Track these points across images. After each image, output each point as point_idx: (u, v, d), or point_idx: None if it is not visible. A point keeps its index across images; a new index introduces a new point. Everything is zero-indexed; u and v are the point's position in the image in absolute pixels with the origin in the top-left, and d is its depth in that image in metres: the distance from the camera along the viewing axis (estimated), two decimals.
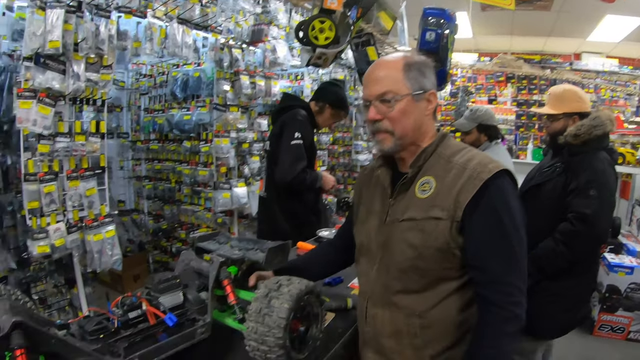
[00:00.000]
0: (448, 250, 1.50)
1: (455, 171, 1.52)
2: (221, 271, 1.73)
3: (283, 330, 1.45)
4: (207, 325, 1.63)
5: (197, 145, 5.07)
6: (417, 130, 1.60)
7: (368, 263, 1.73)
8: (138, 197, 6.43)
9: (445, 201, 1.50)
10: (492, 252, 1.47)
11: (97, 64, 3.31)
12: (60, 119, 3.23)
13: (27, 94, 2.98)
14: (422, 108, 1.59)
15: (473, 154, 1.58)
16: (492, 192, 1.47)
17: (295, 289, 1.53)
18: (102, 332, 1.41)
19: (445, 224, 1.49)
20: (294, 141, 3.39)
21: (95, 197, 3.47)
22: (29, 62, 2.98)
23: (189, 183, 5.31)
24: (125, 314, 1.49)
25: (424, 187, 1.57)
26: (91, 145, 3.39)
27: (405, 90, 1.55)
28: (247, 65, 4.80)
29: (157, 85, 5.79)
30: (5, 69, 4.11)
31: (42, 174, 3.13)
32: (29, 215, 3.12)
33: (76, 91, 3.21)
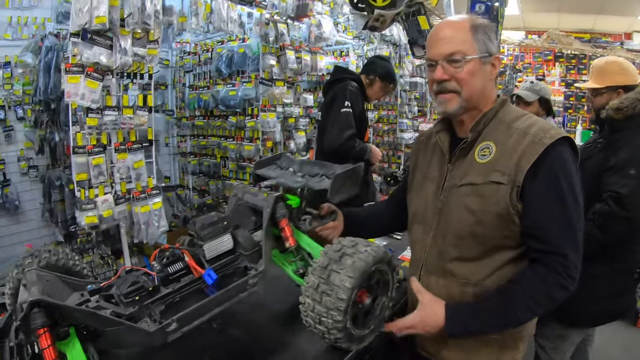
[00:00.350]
0: (508, 217, 1.48)
1: (516, 136, 1.50)
2: (277, 207, 1.56)
3: (343, 314, 1.29)
4: (260, 275, 1.47)
5: (242, 120, 5.11)
6: (481, 93, 1.58)
7: (423, 230, 1.72)
8: (183, 173, 6.54)
9: (506, 166, 1.47)
10: (550, 221, 1.44)
11: (144, 39, 3.33)
12: (108, 93, 3.28)
13: (75, 69, 3.03)
14: (487, 71, 1.57)
15: (534, 120, 1.55)
16: (554, 158, 1.44)
17: (362, 260, 1.32)
18: (137, 293, 1.29)
19: (505, 189, 1.47)
20: (343, 109, 3.52)
21: (142, 169, 3.54)
22: (76, 38, 3.01)
23: (234, 158, 5.36)
24: (165, 268, 1.38)
25: (483, 152, 1.54)
26: (139, 119, 3.44)
27: (473, 52, 1.52)
28: (292, 40, 4.82)
29: (202, 63, 5.83)
30: (52, 49, 4.26)
31: (90, 147, 3.20)
32: (77, 187, 3.20)
33: (123, 65, 3.24)
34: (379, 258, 1.37)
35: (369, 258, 1.32)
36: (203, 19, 3.91)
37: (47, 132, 4.88)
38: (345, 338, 1.34)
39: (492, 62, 1.57)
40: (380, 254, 1.37)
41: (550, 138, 1.44)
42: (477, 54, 1.52)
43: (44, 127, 4.90)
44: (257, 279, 1.45)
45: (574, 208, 1.44)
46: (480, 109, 1.60)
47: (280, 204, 1.55)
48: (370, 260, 1.32)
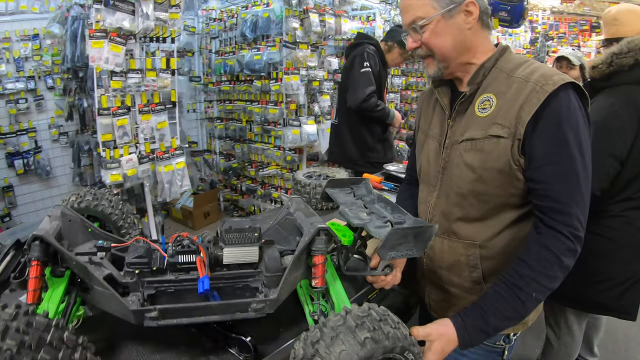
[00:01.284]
0: (510, 173, 1.39)
1: (516, 86, 1.39)
2: (317, 240, 1.33)
3: None
4: (267, 303, 1.27)
5: (267, 84, 5.16)
6: (460, 48, 1.47)
7: (427, 189, 1.66)
8: (210, 137, 6.65)
9: (506, 118, 1.38)
10: (554, 176, 1.33)
11: (166, 4, 3.41)
12: (132, 56, 3.38)
13: (99, 35, 3.13)
14: (459, 23, 1.43)
15: (536, 66, 1.42)
16: (557, 106, 1.32)
17: (355, 353, 1.00)
18: (139, 268, 1.25)
19: (506, 143, 1.37)
20: (363, 69, 3.69)
21: (166, 130, 3.66)
22: (99, 5, 3.12)
23: (259, 122, 5.43)
24: (176, 255, 1.30)
25: (484, 105, 1.45)
26: (162, 81, 3.54)
27: (432, 12, 1.42)
28: (316, 4, 4.84)
29: (227, 29, 5.88)
30: (78, 18, 4.37)
31: (115, 108, 3.31)
32: (102, 148, 3.32)
33: (146, 30, 3.34)
34: (388, 348, 1.04)
35: (363, 351, 1.00)
36: None
37: (75, 99, 5.02)
38: None
39: (463, 9, 1.42)
40: (366, 352, 1.01)
41: (552, 85, 1.32)
42: (437, 12, 1.41)
43: (72, 94, 5.04)
44: (263, 306, 1.27)
45: (581, 161, 1.33)
46: (473, 62, 1.49)
47: (322, 238, 1.34)
48: (363, 355, 1.00)
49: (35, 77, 5.26)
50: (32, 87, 5.26)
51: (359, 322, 1.04)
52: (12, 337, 0.83)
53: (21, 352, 0.82)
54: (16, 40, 5.13)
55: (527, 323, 1.60)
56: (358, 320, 1.05)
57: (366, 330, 1.03)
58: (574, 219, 1.31)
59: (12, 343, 0.82)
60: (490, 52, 1.50)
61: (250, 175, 5.84)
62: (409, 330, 1.13)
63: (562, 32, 9.72)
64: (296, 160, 5.22)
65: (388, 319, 1.10)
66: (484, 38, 1.50)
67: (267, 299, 1.27)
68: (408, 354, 1.10)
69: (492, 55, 1.48)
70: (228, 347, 1.31)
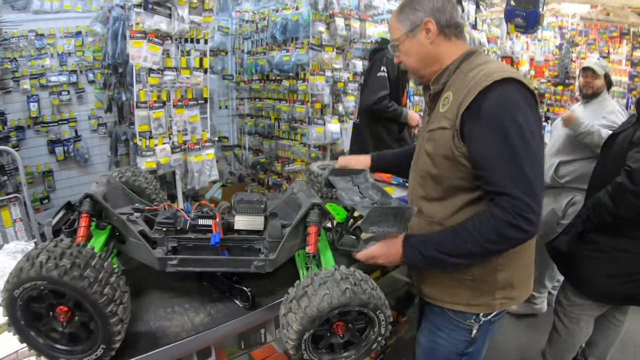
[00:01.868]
0: (454, 158, 1.56)
1: (466, 83, 1.54)
2: (311, 213, 1.58)
3: (295, 349, 1.35)
4: (267, 262, 1.54)
5: (295, 84, 5.43)
6: (426, 60, 1.70)
7: (412, 174, 1.88)
8: (240, 133, 6.94)
9: (451, 112, 1.56)
10: (493, 162, 1.46)
11: (200, 8, 3.71)
12: (168, 56, 3.69)
13: (138, 35, 3.45)
14: (421, 40, 1.66)
15: (491, 66, 1.56)
16: (491, 99, 1.46)
17: (315, 307, 1.28)
18: (166, 226, 1.51)
19: (449, 133, 1.56)
20: (379, 73, 3.89)
21: (197, 123, 3.97)
22: (139, 9, 3.44)
23: (286, 119, 5.70)
24: (197, 218, 1.56)
25: (444, 102, 1.63)
26: (195, 79, 3.85)
27: (399, 34, 1.70)
28: (342, 8, 5.07)
29: (259, 30, 6.15)
30: (119, 18, 4.79)
31: (151, 102, 3.64)
32: (139, 137, 3.65)
33: (181, 32, 3.65)
34: (342, 303, 1.29)
35: (323, 304, 1.27)
36: None
37: (115, 93, 5.42)
38: (297, 356, 1.39)
39: (423, 28, 1.64)
40: (345, 299, 1.28)
41: (489, 80, 1.46)
42: (402, 34, 1.69)
43: (112, 88, 5.44)
44: (263, 264, 1.54)
45: (522, 147, 1.43)
46: (441, 67, 1.68)
47: (315, 212, 1.58)
48: (324, 307, 1.27)
49: (77, 71, 5.70)
50: (74, 81, 5.69)
51: (344, 276, 1.33)
52: (67, 258, 1.14)
53: (73, 269, 1.13)
54: (60, 36, 5.57)
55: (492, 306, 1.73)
56: (343, 275, 1.33)
57: (349, 283, 1.30)
58: (517, 200, 1.42)
59: (67, 262, 1.13)
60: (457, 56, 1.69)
61: (277, 170, 6.10)
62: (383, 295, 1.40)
63: (591, 39, 9.50)
64: (320, 157, 5.43)
65: (369, 281, 1.37)
66: (450, 47, 1.68)
67: (267, 259, 1.53)
68: (380, 314, 1.38)
69: (456, 59, 1.66)
70: (232, 297, 1.60)
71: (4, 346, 1.38)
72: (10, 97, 5.42)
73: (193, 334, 1.43)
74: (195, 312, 1.54)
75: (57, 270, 1.11)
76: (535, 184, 1.45)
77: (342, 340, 1.42)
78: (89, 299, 1.14)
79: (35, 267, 1.12)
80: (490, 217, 1.47)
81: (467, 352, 1.84)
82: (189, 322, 1.48)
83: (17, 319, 1.18)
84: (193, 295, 1.63)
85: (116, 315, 1.18)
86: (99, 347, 1.21)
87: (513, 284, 1.73)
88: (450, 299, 1.76)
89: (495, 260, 1.66)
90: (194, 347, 1.50)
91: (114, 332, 1.19)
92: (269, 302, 1.62)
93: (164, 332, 1.43)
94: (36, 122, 5.58)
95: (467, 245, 1.50)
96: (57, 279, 1.11)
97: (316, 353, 1.40)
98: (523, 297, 1.82)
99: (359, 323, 1.42)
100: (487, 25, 8.36)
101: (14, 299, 1.15)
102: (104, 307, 1.16)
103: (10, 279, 1.15)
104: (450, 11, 1.66)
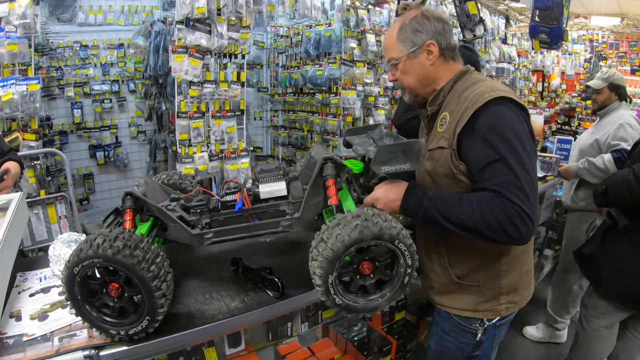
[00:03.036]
0: (453, 176, 1.63)
1: (461, 104, 1.61)
2: (325, 167, 1.62)
3: (323, 279, 1.40)
4: (293, 221, 1.63)
5: (327, 97, 5.59)
6: (424, 81, 1.75)
7: None
8: (274, 144, 7.11)
9: (448, 132, 1.63)
10: (493, 175, 1.51)
11: (237, 25, 3.94)
12: (207, 69, 3.91)
13: (180, 50, 3.69)
14: (422, 61, 1.71)
15: (483, 85, 1.63)
16: (485, 118, 1.54)
17: (329, 249, 1.37)
18: (200, 208, 1.66)
19: (447, 152, 1.63)
20: None
21: (234, 134, 4.17)
22: (181, 25, 3.67)
23: (319, 132, 5.81)
24: (225, 196, 1.70)
25: (442, 122, 1.69)
26: (233, 92, 4.07)
27: (400, 53, 1.73)
28: (373, 25, 5.25)
29: (293, 45, 6.36)
30: (160, 33, 5.08)
31: (191, 112, 3.85)
32: (179, 145, 3.87)
33: (220, 47, 3.88)
34: (354, 239, 1.36)
35: (337, 244, 1.35)
36: (289, 7, 4.49)
37: (155, 102, 5.70)
38: (344, 311, 1.48)
39: (425, 49, 1.69)
40: (356, 234, 1.35)
41: (481, 101, 1.54)
42: (403, 54, 1.71)
43: (152, 98, 5.72)
44: (290, 223, 1.63)
45: (515, 159, 1.49)
46: (436, 88, 1.75)
47: (329, 165, 1.61)
48: (338, 247, 1.35)
49: (119, 81, 6.01)
50: (116, 90, 6.00)
51: (355, 215, 1.40)
52: (120, 241, 1.34)
53: (124, 249, 1.33)
54: (103, 48, 5.90)
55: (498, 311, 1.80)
56: (355, 214, 1.40)
57: (359, 220, 1.37)
58: (517, 206, 1.46)
59: (120, 244, 1.33)
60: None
61: None
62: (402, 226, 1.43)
63: (622, 52, 9.43)
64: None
65: (382, 215, 1.41)
66: (447, 69, 1.74)
67: (292, 217, 1.63)
68: (399, 243, 1.41)
69: (450, 79, 1.72)
70: (264, 287, 1.78)
71: (57, 321, 1.57)
72: (55, 103, 5.74)
73: (228, 317, 1.61)
74: (230, 298, 1.73)
75: (111, 250, 1.32)
76: (531, 191, 1.51)
77: (373, 280, 1.49)
78: (137, 274, 1.34)
79: (93, 247, 1.32)
80: (489, 200, 1.50)
81: (474, 356, 1.91)
82: (225, 307, 1.67)
83: (75, 294, 1.38)
84: (229, 285, 1.82)
85: (160, 289, 1.38)
86: (144, 319, 1.40)
87: (517, 288, 1.81)
88: (458, 305, 1.84)
89: (499, 267, 1.74)
90: (228, 328, 1.69)
91: (157, 304, 1.39)
92: (297, 293, 1.77)
93: (203, 314, 1.62)
94: (79, 127, 5.90)
95: (463, 216, 1.53)
96: (111, 256, 1.32)
97: (349, 296, 1.48)
98: (525, 300, 1.88)
99: (383, 259, 1.48)
100: (517, 39, 8.39)
101: (73, 276, 1.35)
102: (150, 282, 1.35)
103: (71, 258, 1.35)
104: (449, 35, 1.74)
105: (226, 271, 1.90)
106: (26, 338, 1.47)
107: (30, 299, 1.73)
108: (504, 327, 1.92)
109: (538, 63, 9.34)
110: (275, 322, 2.14)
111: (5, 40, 3.40)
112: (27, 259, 2.83)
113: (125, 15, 5.94)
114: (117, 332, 1.41)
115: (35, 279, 1.91)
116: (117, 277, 1.37)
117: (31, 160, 3.68)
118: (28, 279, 1.90)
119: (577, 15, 7.96)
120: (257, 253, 2.03)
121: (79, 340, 1.47)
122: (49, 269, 1.94)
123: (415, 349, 2.80)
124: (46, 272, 1.95)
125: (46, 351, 1.41)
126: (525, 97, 9.29)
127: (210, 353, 2.02)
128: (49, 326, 1.54)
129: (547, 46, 4.39)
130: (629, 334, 2.86)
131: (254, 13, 4.13)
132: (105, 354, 1.43)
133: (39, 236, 3.54)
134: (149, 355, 1.54)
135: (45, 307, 1.66)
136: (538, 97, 9.68)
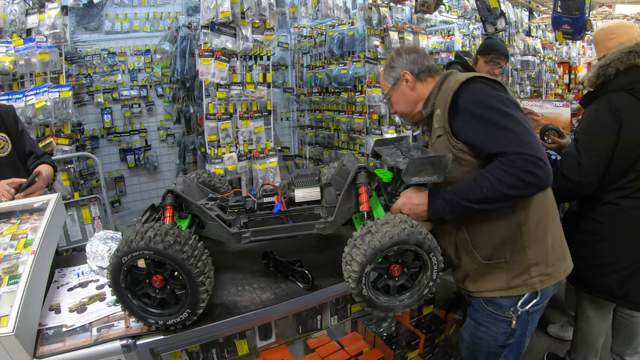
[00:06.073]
0: (456, 157, 1.73)
1: (445, 96, 1.80)
2: (358, 176, 1.76)
3: (356, 282, 1.51)
4: (326, 224, 1.75)
5: (353, 96, 5.61)
6: (410, 104, 2.02)
7: None
8: (301, 143, 7.13)
9: (441, 121, 1.81)
10: (487, 140, 1.66)
11: (261, 28, 4.02)
12: (234, 72, 4.01)
13: (207, 54, 3.78)
14: (404, 89, 2.00)
15: (458, 75, 1.85)
16: (464, 97, 1.73)
17: (377, 241, 1.46)
18: (237, 208, 1.77)
19: (444, 138, 1.79)
20: None
21: (262, 134, 4.26)
22: (206, 30, 3.78)
23: (345, 130, 5.85)
24: (262, 197, 1.80)
25: (437, 119, 1.86)
26: (259, 93, 4.16)
27: (387, 89, 2.06)
28: (396, 22, 5.27)
29: (317, 45, 6.40)
30: (186, 37, 5.19)
31: (219, 114, 3.95)
32: (208, 146, 3.97)
33: (245, 50, 3.97)
34: (402, 239, 1.46)
35: (385, 239, 1.45)
36: (311, 7, 4.56)
37: (183, 106, 5.80)
38: (364, 303, 1.57)
39: (402, 80, 1.98)
40: (404, 235, 1.46)
41: (457, 84, 1.74)
42: (389, 89, 2.04)
43: (180, 102, 5.83)
44: (324, 226, 1.75)
45: (505, 119, 1.64)
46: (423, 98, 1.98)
47: (362, 174, 1.76)
48: (386, 241, 1.45)
49: (146, 86, 6.16)
50: (144, 94, 6.16)
51: (402, 219, 1.51)
52: (171, 235, 1.43)
53: (175, 244, 1.41)
54: (130, 54, 6.07)
55: (532, 285, 1.83)
56: (402, 218, 1.51)
57: (407, 225, 1.49)
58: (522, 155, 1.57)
59: (171, 239, 1.42)
60: None
61: None
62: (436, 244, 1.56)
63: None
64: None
65: (423, 227, 1.53)
66: (426, 87, 1.97)
67: (326, 221, 1.75)
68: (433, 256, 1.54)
69: (436, 83, 1.94)
70: (294, 279, 1.85)
71: (95, 313, 1.67)
72: (86, 109, 5.93)
73: (260, 307, 1.69)
74: (262, 290, 1.81)
75: (163, 244, 1.40)
76: (531, 140, 1.62)
77: (397, 283, 1.59)
78: (185, 269, 1.42)
79: (144, 239, 1.41)
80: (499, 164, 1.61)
81: (507, 344, 1.96)
82: (257, 298, 1.75)
83: (119, 282, 1.47)
84: (261, 278, 1.91)
85: (204, 285, 1.47)
86: (184, 312, 1.49)
87: (547, 259, 1.84)
88: (491, 286, 1.88)
89: (522, 238, 1.79)
90: (260, 318, 1.76)
91: (200, 299, 1.48)
92: (326, 285, 1.85)
93: (236, 305, 1.71)
94: (109, 132, 6.07)
95: (484, 190, 1.62)
96: (162, 250, 1.40)
97: (374, 292, 1.57)
98: (560, 273, 1.91)
99: (413, 267, 1.59)
100: (541, 31, 8.27)
101: (120, 265, 1.44)
102: (196, 277, 1.44)
103: (121, 247, 1.44)
104: (421, 60, 1.99)
105: (258, 265, 1.98)
106: (65, 329, 1.57)
107: (69, 293, 1.84)
108: (536, 314, 1.97)
109: (564, 55, 9.23)
110: (305, 315, 2.19)
111: (36, 50, 3.54)
112: (64, 257, 2.94)
113: (150, 22, 6.09)
114: (155, 322, 1.50)
115: (73, 274, 2.02)
116: (163, 270, 1.46)
117: (65, 164, 3.81)
118: (66, 275, 2.01)
119: (600, 4, 7.83)
120: (287, 247, 2.09)
121: (117, 330, 1.56)
122: (86, 265, 2.04)
123: (444, 344, 2.83)
124: (83, 268, 2.06)
125: (85, 340, 1.50)
126: (552, 89, 9.19)
127: (242, 345, 2.08)
128: (87, 317, 1.64)
129: (570, 37, 4.37)
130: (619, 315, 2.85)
131: (277, 15, 4.21)
132: (141, 343, 1.52)
133: (74, 236, 3.71)
134: (183, 345, 1.65)
135: (83, 300, 1.76)
136: (565, 89, 9.54)
